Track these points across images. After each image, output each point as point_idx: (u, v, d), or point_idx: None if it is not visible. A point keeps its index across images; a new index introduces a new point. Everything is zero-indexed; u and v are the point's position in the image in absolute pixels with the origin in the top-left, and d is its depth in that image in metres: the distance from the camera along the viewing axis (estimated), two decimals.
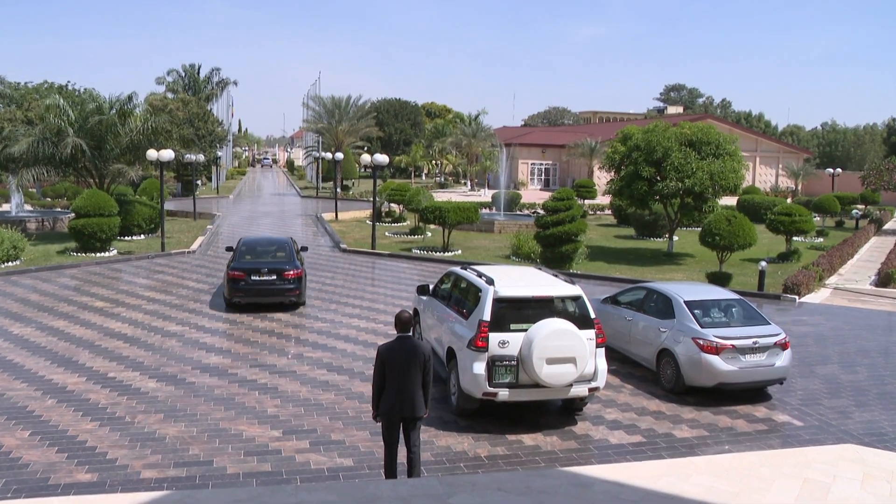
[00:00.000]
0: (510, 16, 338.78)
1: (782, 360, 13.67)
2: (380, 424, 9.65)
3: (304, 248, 23.57)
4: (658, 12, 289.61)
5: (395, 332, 9.61)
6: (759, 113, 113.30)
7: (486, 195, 62.30)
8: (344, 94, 77.65)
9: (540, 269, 14.86)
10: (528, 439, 11.62)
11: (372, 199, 34.88)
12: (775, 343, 13.62)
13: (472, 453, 11.05)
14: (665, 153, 29.24)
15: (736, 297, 15.30)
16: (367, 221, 42.20)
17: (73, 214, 29.95)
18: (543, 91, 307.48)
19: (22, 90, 74.15)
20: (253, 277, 20.00)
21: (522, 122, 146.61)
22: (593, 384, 12.21)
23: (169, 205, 45.05)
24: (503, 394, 11.84)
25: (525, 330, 11.86)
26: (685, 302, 14.39)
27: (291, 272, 20.25)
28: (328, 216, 45.49)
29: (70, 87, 74.58)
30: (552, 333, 11.64)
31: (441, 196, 50.02)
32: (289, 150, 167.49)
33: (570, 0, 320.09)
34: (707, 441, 11.78)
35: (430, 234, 36.60)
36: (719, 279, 23.92)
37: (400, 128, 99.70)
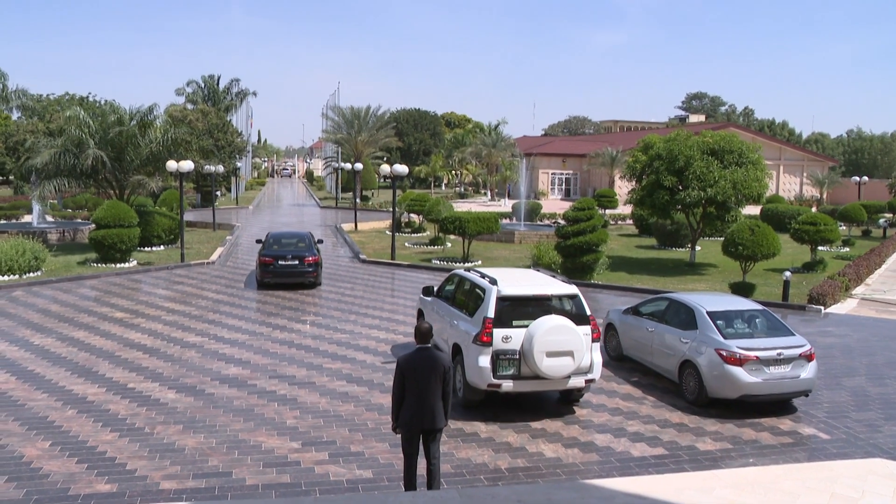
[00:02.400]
0: (530, 24, 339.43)
1: (807, 372, 13.41)
2: (399, 436, 9.54)
3: (321, 241, 28.42)
4: (679, 19, 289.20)
5: (415, 344, 9.52)
6: (782, 121, 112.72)
7: (506, 205, 62.20)
8: (363, 105, 78.00)
9: (538, 270, 15.61)
10: (549, 451, 11.47)
11: (391, 209, 34.84)
12: (800, 354, 13.39)
13: (493, 465, 10.92)
14: (687, 162, 29.01)
15: (759, 307, 15.05)
16: (387, 232, 42.23)
17: (93, 225, 30.13)
18: (564, 100, 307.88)
19: (44, 102, 75.00)
20: (280, 262, 25.16)
21: (543, 132, 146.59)
22: (589, 376, 13.10)
23: (188, 216, 45.28)
24: (507, 385, 12.72)
25: (526, 326, 12.73)
26: (708, 312, 14.19)
27: (310, 258, 25.45)
28: (347, 227, 45.55)
29: (91, 99, 75.40)
30: (551, 329, 12.53)
31: (461, 206, 50.01)
32: (308, 160, 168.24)
33: (590, 8, 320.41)
34: (731, 454, 11.58)
35: (449, 244, 36.52)
36: (743, 289, 23.66)
37: (419, 138, 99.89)
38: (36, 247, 26.91)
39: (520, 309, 13.02)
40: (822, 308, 22.65)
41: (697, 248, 33.13)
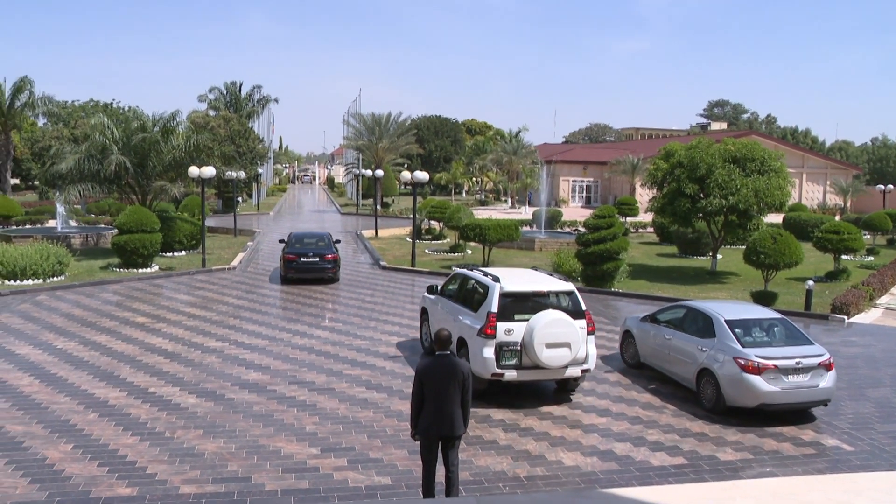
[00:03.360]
0: (551, 32, 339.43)
1: (826, 381, 13.30)
2: (418, 443, 9.53)
3: (339, 241, 31.04)
4: (701, 26, 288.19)
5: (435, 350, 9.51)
6: (805, 128, 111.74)
7: (526, 212, 62.12)
8: (384, 111, 78.36)
9: (536, 269, 16.64)
10: (569, 459, 11.42)
11: (412, 216, 34.89)
12: (819, 364, 13.29)
13: (511, 473, 10.88)
14: (708, 170, 28.86)
15: (778, 316, 14.97)
16: (407, 239, 42.25)
17: (116, 230, 30.37)
18: (585, 107, 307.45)
19: (69, 109, 75.79)
20: (302, 259, 27.71)
21: (563, 139, 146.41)
22: (585, 366, 14.09)
23: (210, 221, 45.56)
24: (510, 374, 13.74)
25: (527, 320, 13.74)
26: (726, 321, 14.14)
27: (329, 255, 28.00)
28: (368, 233, 45.63)
29: (115, 106, 76.09)
30: (550, 322, 13.55)
31: (481, 213, 49.96)
32: (329, 167, 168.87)
33: (611, 15, 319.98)
34: (752, 464, 11.47)
35: (470, 251, 36.49)
36: (764, 298, 23.48)
37: (440, 145, 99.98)
38: (60, 251, 27.16)
39: (521, 304, 14.07)
40: (846, 318, 22.42)
41: (719, 256, 32.93)
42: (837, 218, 51.10)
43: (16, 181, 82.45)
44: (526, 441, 12.14)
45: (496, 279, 14.47)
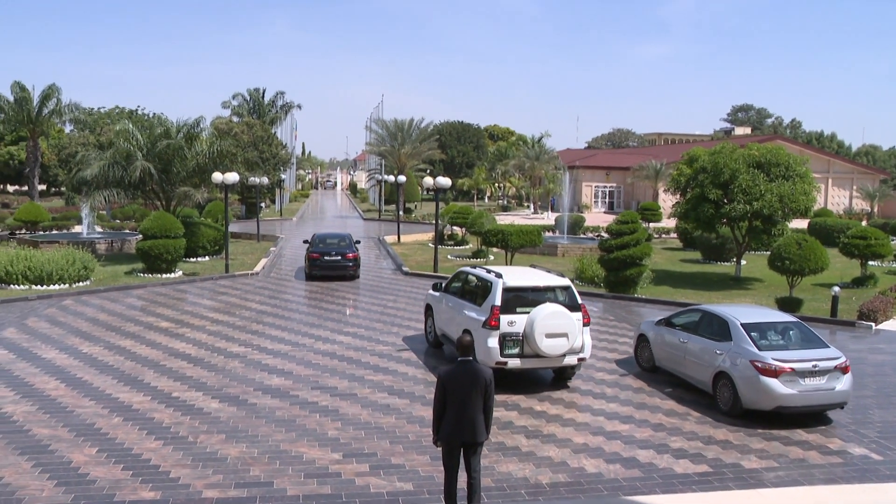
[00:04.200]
0: (574, 37, 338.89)
1: (842, 384, 13.38)
2: (440, 449, 9.51)
3: (359, 241, 33.00)
4: (724, 31, 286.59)
5: (457, 357, 9.48)
6: (831, 133, 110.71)
7: (549, 218, 62.00)
8: (407, 117, 78.43)
9: (535, 267, 17.40)
10: (591, 466, 11.35)
11: (434, 221, 34.92)
12: (835, 367, 13.36)
13: (534, 480, 10.83)
14: (732, 175, 28.65)
15: (793, 319, 15.03)
16: (430, 244, 42.26)
17: (140, 236, 30.61)
18: (607, 113, 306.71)
19: (95, 115, 76.51)
20: (325, 258, 30.02)
21: (586, 145, 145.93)
22: (581, 355, 15.21)
23: (233, 227, 45.81)
24: (513, 362, 14.86)
25: (528, 312, 14.82)
26: (742, 324, 14.20)
27: (350, 255, 30.26)
28: (390, 239, 45.69)
29: (140, 112, 76.74)
30: (549, 314, 14.67)
31: (504, 219, 49.91)
32: (352, 172, 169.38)
33: (634, 20, 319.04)
34: (777, 472, 11.32)
35: (492, 257, 36.41)
36: (789, 305, 23.25)
37: (462, 150, 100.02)
38: (85, 256, 27.43)
39: (522, 298, 15.13)
40: (873, 324, 22.14)
41: (743, 262, 32.65)
42: (864, 223, 50.54)
43: (42, 187, 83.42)
44: (548, 448, 12.08)
45: (499, 275, 15.61)
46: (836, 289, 23.47)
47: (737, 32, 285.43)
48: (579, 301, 15.42)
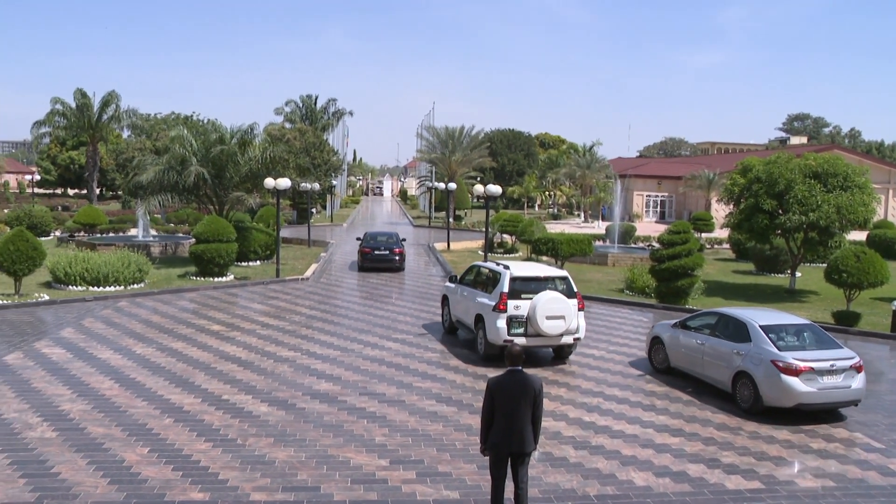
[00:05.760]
0: (626, 45, 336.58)
1: (857, 382, 14.14)
2: (487, 458, 9.46)
3: (404, 239, 37.42)
4: (780, 38, 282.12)
5: (506, 366, 9.42)
6: (893, 142, 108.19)
7: (599, 227, 61.52)
8: (457, 125, 78.43)
9: (538, 262, 20.04)
10: (640, 479, 11.19)
11: (484, 229, 34.87)
12: (851, 366, 14.13)
13: (581, 492, 10.71)
14: (788, 185, 28.11)
15: (807, 322, 15.79)
16: (479, 252, 42.24)
17: (193, 240, 31.08)
18: (659, 121, 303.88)
19: (151, 121, 78.04)
20: (375, 252, 34.81)
21: (637, 153, 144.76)
22: (576, 336, 17.75)
23: (284, 232, 46.30)
24: (519, 341, 17.01)
25: (531, 298, 17.34)
26: (761, 326, 14.89)
27: (397, 250, 34.96)
28: (440, 246, 45.75)
29: (195, 118, 78.02)
30: (549, 300, 17.19)
31: (554, 227, 49.69)
32: (402, 179, 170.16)
33: (687, 28, 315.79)
34: (834, 493, 11.00)
35: None
36: (847, 319, 22.73)
37: (513, 158, 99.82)
38: (140, 259, 27.94)
39: (526, 286, 17.67)
40: None
41: (798, 274, 32.00)
42: None
43: (100, 190, 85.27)
44: (597, 459, 11.95)
45: (507, 267, 18.30)
46: None
47: (793, 40, 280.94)
48: (574, 289, 17.96)
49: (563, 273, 18.56)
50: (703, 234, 51.48)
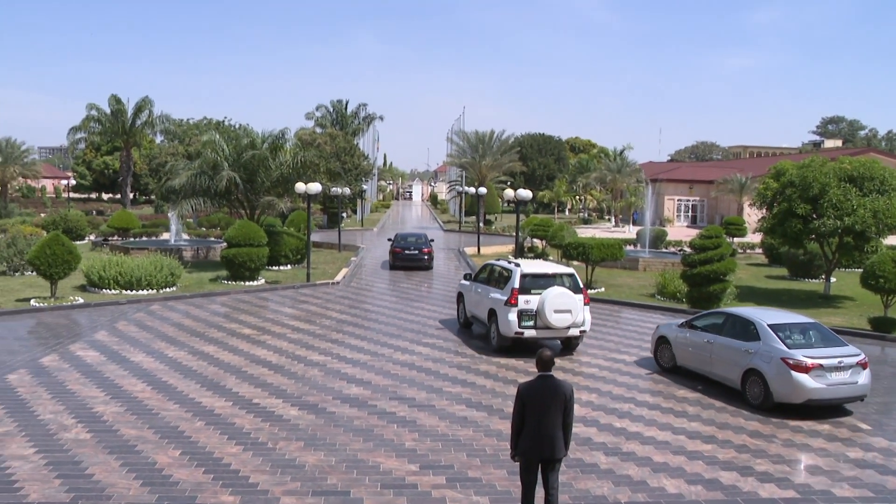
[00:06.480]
0: (657, 49, 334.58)
1: (863, 378, 14.65)
2: (517, 464, 9.40)
3: (432, 240, 40.18)
4: (814, 40, 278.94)
5: (536, 371, 9.37)
6: None
7: (630, 232, 61.14)
8: (488, 129, 78.47)
9: (548, 259, 20.93)
10: (672, 487, 11.07)
11: (515, 234, 34.81)
12: (857, 363, 14.62)
13: (612, 498, 10.61)
14: (822, 190, 27.70)
15: (812, 320, 16.25)
16: (510, 256, 42.12)
17: (225, 244, 31.31)
18: (690, 125, 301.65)
19: (184, 126, 78.84)
20: (405, 252, 37.38)
21: (669, 157, 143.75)
22: (582, 328, 19.03)
23: (315, 236, 46.47)
24: (528, 332, 18.62)
25: (540, 293, 18.56)
26: (769, 325, 15.37)
27: (426, 249, 37.63)
28: (470, 250, 45.72)
29: (226, 123, 78.73)
30: (557, 295, 18.43)
31: (584, 232, 49.41)
32: (432, 183, 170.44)
33: (718, 31, 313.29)
34: (872, 503, 10.81)
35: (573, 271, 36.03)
36: (884, 325, 22.37)
37: (543, 162, 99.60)
38: (172, 263, 28.20)
39: (535, 282, 18.98)
40: None
41: (832, 279, 31.53)
42: None
43: (134, 195, 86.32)
44: (628, 466, 11.84)
45: (517, 265, 19.68)
46: None
47: (827, 41, 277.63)
48: (581, 285, 19.36)
49: (570, 270, 19.90)
50: (736, 239, 50.98)
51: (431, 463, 11.75)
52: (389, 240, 39.97)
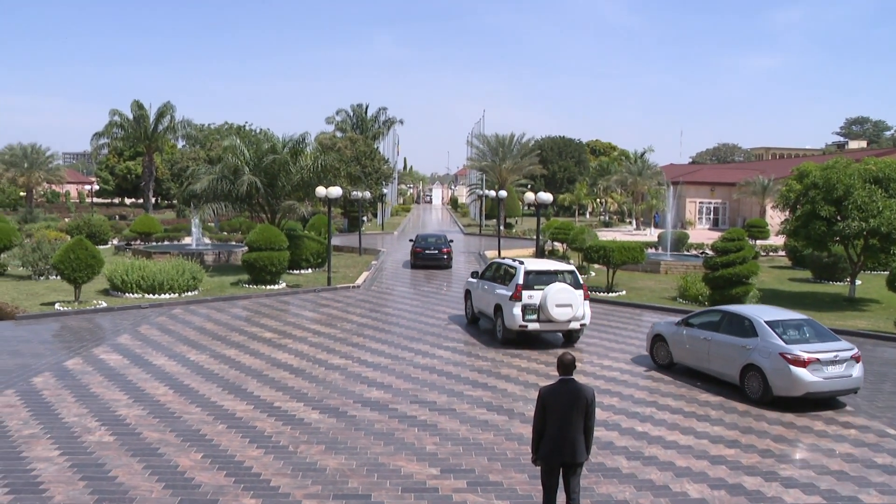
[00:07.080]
0: (678, 50, 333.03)
1: (857, 371, 15.17)
2: (539, 468, 9.36)
3: (451, 241, 42.24)
4: (838, 41, 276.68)
5: (557, 375, 9.32)
6: None
7: (651, 235, 60.85)
8: (507, 132, 78.40)
9: (550, 258, 21.85)
10: (694, 491, 10.97)
11: (535, 237, 34.72)
12: (851, 356, 15.16)
13: (634, 503, 10.53)
14: (846, 191, 27.41)
15: (805, 316, 16.65)
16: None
17: (246, 248, 31.45)
18: (712, 127, 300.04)
19: (205, 131, 79.34)
20: (426, 252, 39.67)
21: (690, 160, 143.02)
22: (583, 322, 20.21)
23: (336, 240, 46.62)
24: (532, 325, 19.89)
25: (542, 289, 19.82)
26: (766, 322, 15.77)
27: (445, 249, 39.96)
28: (491, 254, 45.63)
29: (247, 128, 79.16)
30: (559, 290, 19.67)
31: (605, 235, 49.22)
32: (452, 187, 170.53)
33: (740, 32, 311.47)
34: None
35: (594, 273, 35.90)
36: None
37: (564, 165, 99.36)
38: (194, 267, 28.35)
39: (538, 278, 20.20)
40: None
41: (858, 282, 31.20)
42: None
43: (156, 200, 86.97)
44: (650, 470, 11.76)
45: (521, 262, 20.91)
46: None
47: (851, 42, 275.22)
48: (581, 281, 20.58)
49: (571, 267, 21.30)
50: (758, 242, 50.58)
51: (452, 467, 11.72)
52: (411, 240, 42.32)
